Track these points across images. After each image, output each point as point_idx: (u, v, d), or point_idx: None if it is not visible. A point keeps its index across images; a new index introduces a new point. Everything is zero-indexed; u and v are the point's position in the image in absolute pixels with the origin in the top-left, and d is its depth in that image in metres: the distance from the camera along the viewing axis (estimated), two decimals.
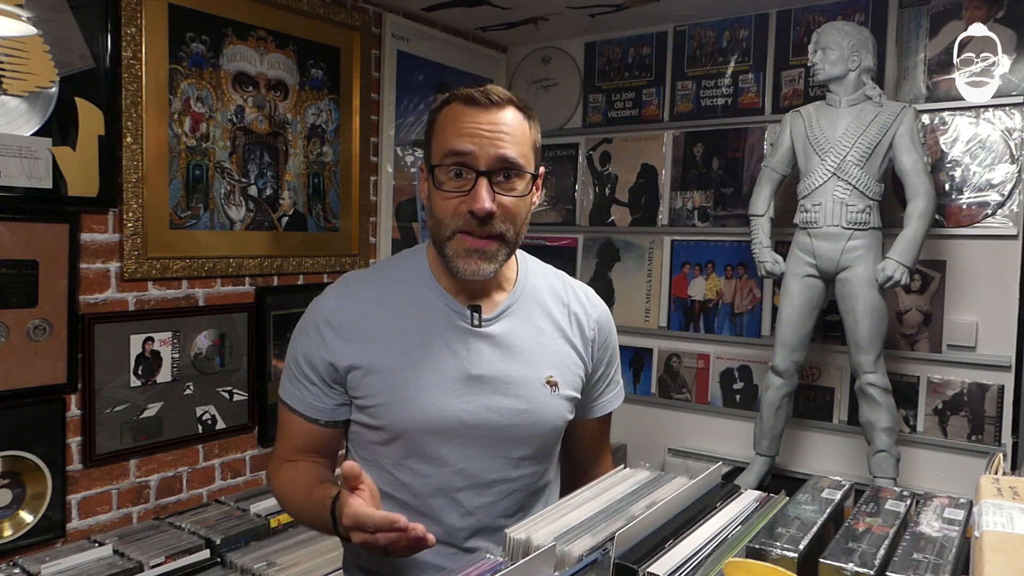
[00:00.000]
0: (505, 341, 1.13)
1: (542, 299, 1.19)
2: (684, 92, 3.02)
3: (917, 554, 0.72)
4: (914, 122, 2.30)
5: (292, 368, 1.15)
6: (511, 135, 1.05)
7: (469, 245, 1.05)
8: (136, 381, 2.10)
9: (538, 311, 1.17)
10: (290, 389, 1.15)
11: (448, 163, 1.05)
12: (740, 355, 2.91)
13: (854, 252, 2.30)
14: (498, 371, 1.11)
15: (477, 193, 1.03)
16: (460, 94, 1.08)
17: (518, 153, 1.06)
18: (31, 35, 1.83)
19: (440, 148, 1.06)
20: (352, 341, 1.10)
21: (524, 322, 1.15)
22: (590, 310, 1.22)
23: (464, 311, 1.12)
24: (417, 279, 1.15)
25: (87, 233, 1.99)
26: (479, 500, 1.12)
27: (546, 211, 3.37)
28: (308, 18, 2.52)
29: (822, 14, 2.71)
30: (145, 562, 1.86)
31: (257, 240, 2.41)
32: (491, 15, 2.97)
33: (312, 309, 1.15)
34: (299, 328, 1.16)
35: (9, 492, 1.86)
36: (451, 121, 1.06)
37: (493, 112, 1.05)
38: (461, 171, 1.04)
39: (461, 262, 1.06)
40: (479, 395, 1.10)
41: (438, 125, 1.09)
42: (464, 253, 1.06)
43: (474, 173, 1.04)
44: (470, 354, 1.11)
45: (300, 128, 2.52)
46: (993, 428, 2.43)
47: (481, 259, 1.06)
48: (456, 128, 1.05)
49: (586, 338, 1.21)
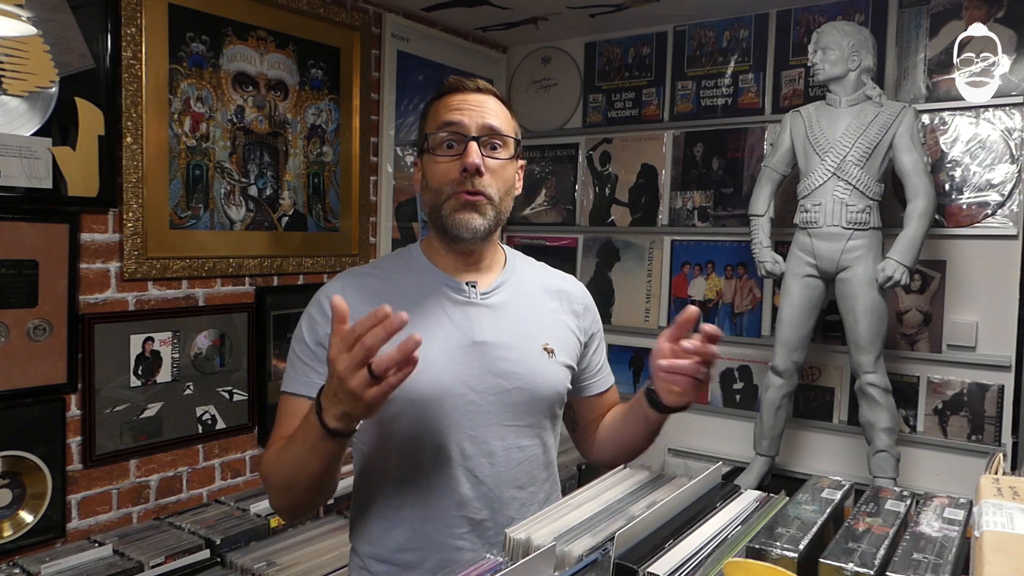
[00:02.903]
0: (502, 311, 1.20)
1: (531, 278, 1.29)
2: (684, 92, 3.02)
3: (917, 554, 0.72)
4: (914, 122, 2.30)
5: (299, 355, 1.17)
6: (494, 112, 1.18)
7: (463, 200, 1.14)
8: (136, 381, 2.10)
9: (530, 288, 1.26)
10: (296, 377, 1.16)
11: (441, 133, 1.16)
12: (740, 355, 2.91)
13: (854, 252, 2.30)
14: (498, 337, 1.17)
15: (468, 152, 1.13)
16: (448, 84, 1.21)
17: (502, 125, 1.17)
18: (31, 35, 1.83)
19: (433, 123, 1.18)
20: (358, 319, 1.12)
21: (518, 295, 1.24)
22: (575, 290, 1.32)
23: (461, 285, 1.20)
24: (414, 266, 1.23)
25: (87, 233, 1.99)
26: (489, 469, 1.16)
27: (546, 211, 3.37)
28: (308, 18, 2.52)
29: (822, 14, 2.71)
30: (145, 562, 1.86)
31: (257, 240, 2.41)
32: (491, 15, 2.97)
33: (316, 298, 1.20)
34: (304, 318, 1.19)
35: (9, 492, 1.86)
36: (442, 105, 1.19)
37: (478, 95, 1.19)
38: (452, 142, 1.15)
39: (457, 215, 1.15)
40: (482, 359, 1.15)
41: (431, 111, 1.21)
42: (459, 207, 1.14)
43: (464, 140, 1.14)
44: (470, 323, 1.17)
45: (300, 128, 2.52)
46: (993, 428, 2.43)
47: (473, 211, 1.15)
48: (447, 106, 1.18)
49: (576, 312, 1.29)
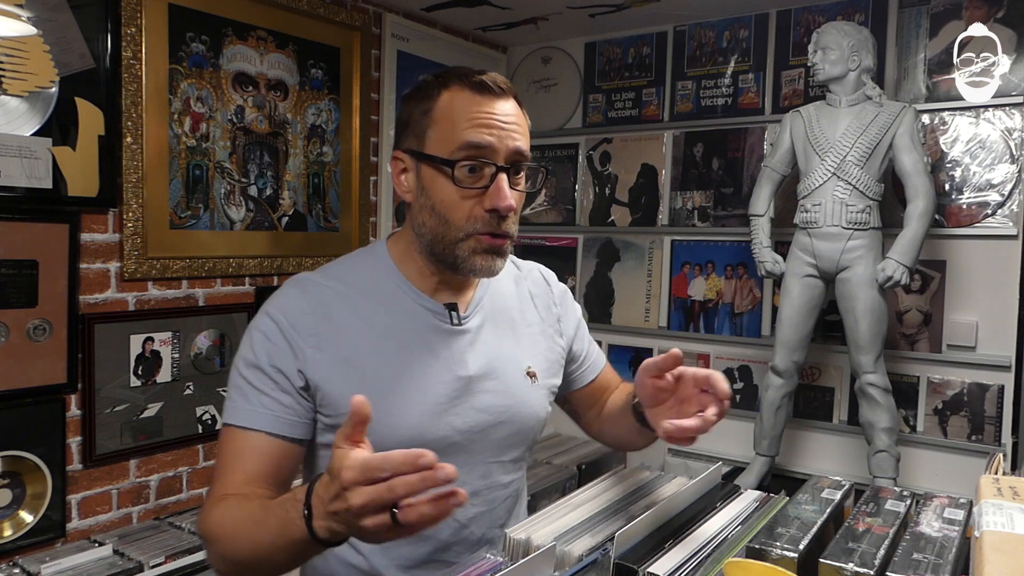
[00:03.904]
0: (484, 335, 1.08)
1: (507, 288, 1.15)
2: (684, 92, 3.02)
3: (917, 554, 0.72)
4: (914, 122, 2.30)
5: (249, 380, 0.97)
6: (520, 126, 1.00)
7: (487, 244, 0.98)
8: (136, 381, 2.10)
9: (507, 301, 1.13)
10: (246, 408, 0.97)
11: (467, 159, 0.96)
12: (740, 355, 2.91)
13: (854, 252, 2.30)
14: (482, 367, 1.05)
15: (500, 190, 0.96)
16: (465, 79, 0.98)
17: (526, 146, 1.01)
18: (31, 35, 1.83)
19: (450, 139, 0.96)
20: (324, 350, 0.98)
21: (497, 315, 1.11)
22: (544, 286, 1.21)
23: (442, 310, 1.05)
24: (385, 280, 1.05)
25: (87, 233, 1.99)
26: (473, 511, 1.05)
27: (546, 211, 3.37)
28: (308, 18, 2.52)
29: (822, 14, 2.71)
30: (145, 562, 1.86)
31: (257, 240, 2.41)
32: (491, 15, 2.96)
33: (270, 314, 1.00)
34: (254, 338, 0.99)
35: (9, 492, 1.86)
36: (461, 109, 0.97)
37: (503, 101, 0.99)
38: (475, 167, 0.96)
39: (479, 260, 0.99)
40: (467, 397, 1.03)
41: (440, 111, 0.98)
42: (481, 251, 0.98)
43: (492, 168, 0.96)
44: (454, 356, 1.04)
45: (300, 128, 2.52)
46: (993, 428, 2.43)
47: (498, 256, 1.00)
48: (469, 118, 0.96)
49: (556, 315, 1.19)
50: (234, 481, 0.94)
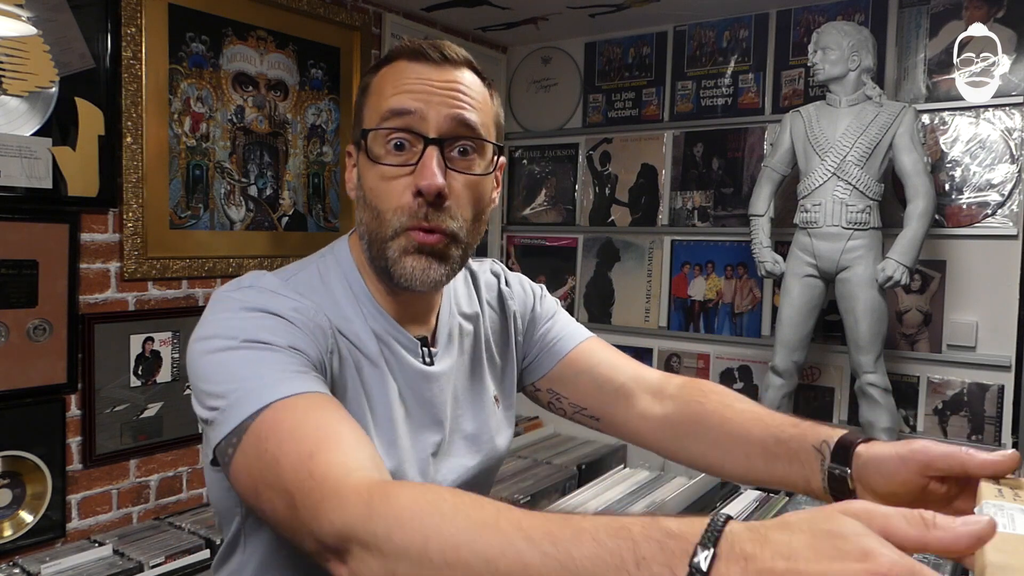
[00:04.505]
0: (455, 366, 0.89)
1: (463, 311, 0.93)
2: (684, 92, 3.02)
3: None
4: (914, 122, 2.30)
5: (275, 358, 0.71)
6: (470, 96, 0.79)
7: (417, 241, 0.77)
8: (136, 381, 2.10)
9: (467, 327, 0.93)
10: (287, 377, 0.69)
11: (385, 127, 0.77)
12: (740, 355, 2.91)
13: (854, 252, 2.30)
14: (457, 406, 0.88)
15: (425, 167, 0.75)
16: (405, 48, 0.81)
17: (479, 119, 0.79)
18: (31, 35, 1.83)
19: (375, 108, 0.80)
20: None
21: (464, 336, 0.92)
22: (498, 292, 0.99)
23: (415, 345, 0.84)
24: (355, 297, 0.83)
25: (87, 233, 1.99)
26: None
27: (546, 211, 3.37)
28: (308, 18, 2.52)
29: (822, 14, 2.71)
30: (145, 562, 1.86)
31: (257, 240, 2.41)
32: (491, 15, 2.96)
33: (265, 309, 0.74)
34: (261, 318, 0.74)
35: (9, 492, 1.86)
36: (391, 79, 0.79)
37: (448, 70, 0.79)
38: (403, 141, 0.77)
39: (410, 262, 0.77)
40: (447, 459, 0.87)
41: (374, 87, 0.81)
42: (410, 250, 0.77)
43: (421, 141, 0.77)
44: (432, 398, 0.85)
45: (300, 128, 2.52)
46: (993, 428, 2.43)
47: (430, 258, 0.78)
48: (397, 84, 0.78)
49: (516, 326, 0.98)
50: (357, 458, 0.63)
